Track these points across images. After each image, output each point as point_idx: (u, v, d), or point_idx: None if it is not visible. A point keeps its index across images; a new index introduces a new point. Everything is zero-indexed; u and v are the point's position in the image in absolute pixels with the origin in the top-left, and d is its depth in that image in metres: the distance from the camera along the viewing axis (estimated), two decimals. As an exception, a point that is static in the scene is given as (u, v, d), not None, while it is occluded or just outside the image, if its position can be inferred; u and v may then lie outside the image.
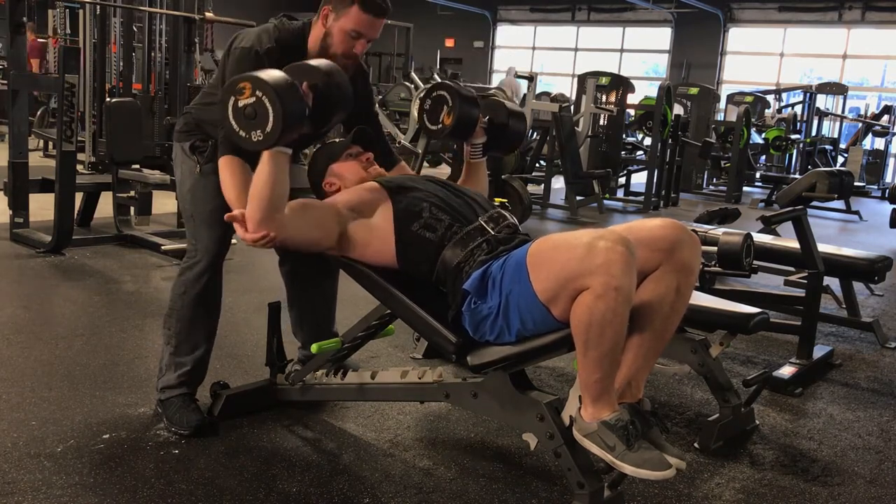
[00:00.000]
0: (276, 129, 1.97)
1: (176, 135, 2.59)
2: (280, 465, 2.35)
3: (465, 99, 2.43)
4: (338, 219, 2.23)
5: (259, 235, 2.09)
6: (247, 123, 2.00)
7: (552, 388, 3.09)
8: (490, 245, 2.10)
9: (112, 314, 3.69)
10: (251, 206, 2.09)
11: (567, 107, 8.88)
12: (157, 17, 6.42)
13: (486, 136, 2.56)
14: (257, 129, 1.99)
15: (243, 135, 2.02)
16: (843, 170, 7.06)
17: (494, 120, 2.57)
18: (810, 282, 3.53)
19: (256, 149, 2.05)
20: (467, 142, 2.56)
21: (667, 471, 1.79)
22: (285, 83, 1.99)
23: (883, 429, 2.99)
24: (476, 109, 2.47)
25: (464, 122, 2.45)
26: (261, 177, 2.08)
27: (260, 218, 2.08)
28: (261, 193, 2.08)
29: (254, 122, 1.98)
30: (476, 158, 2.59)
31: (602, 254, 1.74)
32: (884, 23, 15.83)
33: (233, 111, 2.01)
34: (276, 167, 2.07)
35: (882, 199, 11.43)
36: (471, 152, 2.58)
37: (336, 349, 2.50)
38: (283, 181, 2.10)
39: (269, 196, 2.08)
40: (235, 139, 2.05)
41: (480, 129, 2.54)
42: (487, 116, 2.55)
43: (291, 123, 1.98)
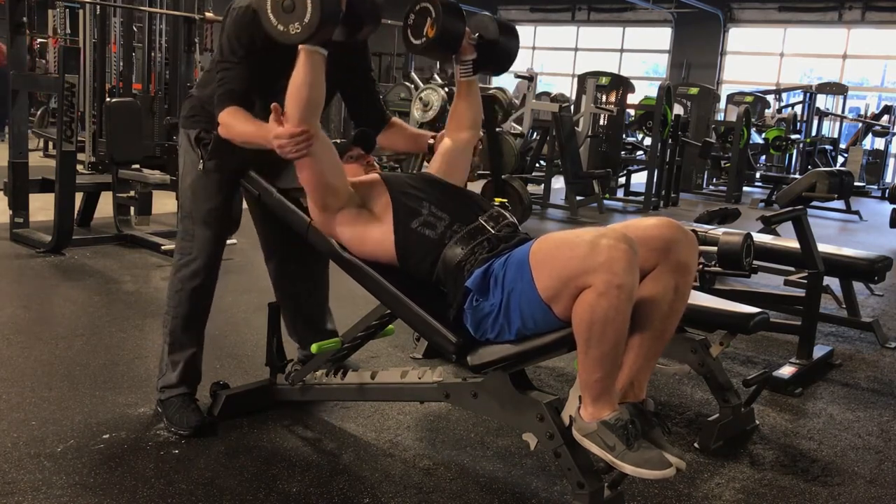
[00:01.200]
0: (315, 20, 2.00)
1: (182, 120, 2.57)
2: (280, 465, 2.35)
3: (448, 8, 2.36)
4: (349, 193, 2.25)
5: (300, 130, 2.09)
6: (285, 17, 2.03)
7: (552, 388, 3.09)
8: (491, 243, 2.10)
9: (112, 314, 3.69)
10: (290, 104, 2.11)
11: (567, 107, 8.88)
12: (157, 17, 6.42)
13: (475, 52, 2.49)
14: (296, 22, 2.02)
15: (282, 28, 2.05)
16: (843, 170, 7.08)
17: (484, 35, 2.49)
18: (810, 282, 3.53)
19: (295, 41, 2.07)
20: (456, 59, 2.50)
21: (667, 470, 1.79)
22: None
23: (883, 429, 2.99)
24: (461, 22, 2.40)
25: (448, 33, 2.38)
26: (298, 77, 2.10)
27: (300, 117, 2.10)
28: (299, 93, 2.10)
29: (292, 14, 2.02)
30: (466, 76, 2.52)
31: (605, 252, 1.74)
32: (884, 23, 15.82)
33: (272, 5, 2.05)
34: (313, 68, 2.10)
35: (882, 199, 11.43)
36: (461, 70, 2.51)
37: (336, 349, 2.50)
38: (320, 84, 2.13)
39: (308, 96, 2.10)
40: (273, 32, 2.07)
41: (469, 46, 2.46)
42: (477, 33, 2.49)
43: (328, 16, 2.03)
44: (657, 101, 9.04)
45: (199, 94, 2.54)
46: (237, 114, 2.25)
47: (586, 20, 19.24)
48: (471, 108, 2.55)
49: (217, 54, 2.40)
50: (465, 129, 2.55)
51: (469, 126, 2.55)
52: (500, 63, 2.57)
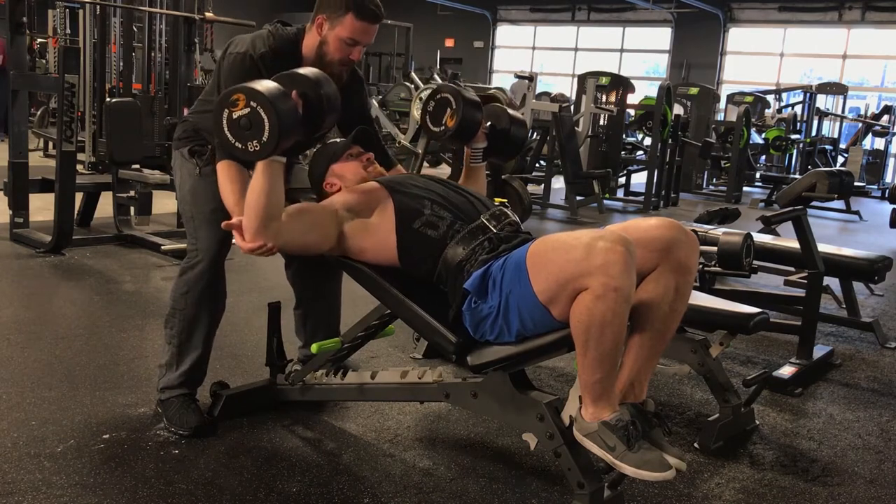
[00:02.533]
0: (273, 138, 1.97)
1: (175, 142, 2.61)
2: (280, 465, 2.35)
3: (468, 103, 2.45)
4: (335, 220, 2.23)
5: (256, 245, 2.10)
6: (242, 134, 2.00)
7: (552, 388, 3.09)
8: (492, 243, 2.10)
9: (112, 314, 3.69)
10: (247, 217, 2.10)
11: (567, 107, 8.88)
12: (157, 17, 6.42)
13: (486, 141, 2.58)
14: (253, 140, 1.99)
15: (239, 146, 2.02)
16: (843, 170, 7.07)
17: (497, 126, 2.59)
18: (810, 282, 3.53)
19: (253, 159, 2.05)
20: (468, 145, 2.57)
21: (667, 472, 1.79)
22: (279, 92, 1.99)
23: (883, 429, 2.99)
24: (479, 113, 2.49)
25: (466, 125, 2.47)
26: (256, 187, 2.08)
27: (256, 228, 2.09)
28: (256, 204, 2.08)
29: (249, 132, 1.99)
30: (476, 163, 2.60)
31: (601, 254, 1.74)
32: (884, 23, 15.83)
33: (227, 123, 2.01)
34: (270, 177, 2.08)
35: (882, 199, 11.43)
36: (471, 156, 2.59)
37: (336, 349, 2.50)
38: (279, 190, 2.11)
39: (265, 205, 2.08)
40: (232, 151, 2.05)
41: (482, 134, 2.55)
42: (489, 122, 2.58)
43: (287, 132, 1.99)
44: (657, 101, 9.03)
45: (192, 119, 2.58)
46: (229, 175, 2.27)
47: (586, 20, 19.24)
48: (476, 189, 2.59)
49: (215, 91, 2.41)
50: None
51: None
52: (508, 151, 2.68)
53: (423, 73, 12.23)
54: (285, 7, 12.63)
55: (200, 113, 2.54)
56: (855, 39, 16.30)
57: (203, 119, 2.51)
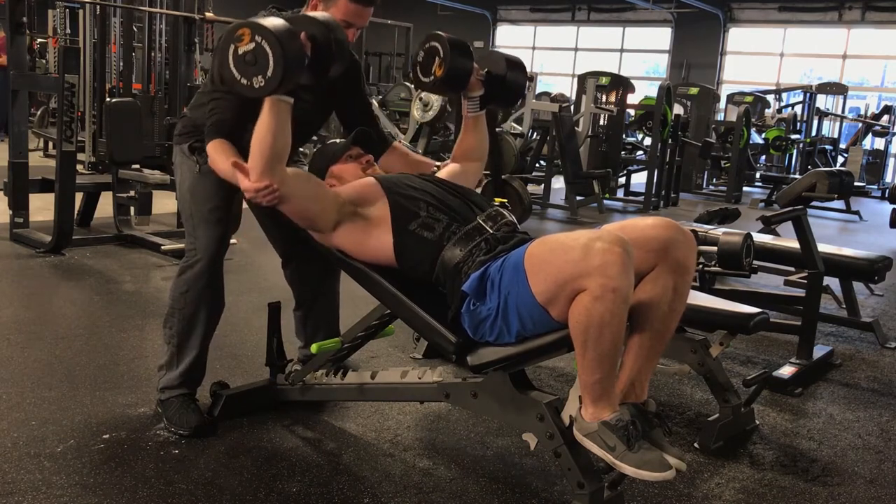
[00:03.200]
0: (277, 73, 1.96)
1: (175, 138, 2.61)
2: (280, 465, 2.35)
3: (456, 49, 2.37)
4: (338, 206, 2.24)
5: (262, 185, 2.09)
6: (247, 70, 2.00)
7: (552, 388, 3.09)
8: (489, 244, 2.10)
9: (112, 314, 3.69)
10: (253, 155, 2.10)
11: (567, 107, 8.88)
12: (157, 17, 6.42)
13: (483, 88, 2.50)
14: (258, 75, 1.99)
15: (245, 82, 2.01)
16: (843, 170, 7.06)
17: (493, 71, 2.50)
18: (810, 282, 3.53)
19: (258, 95, 2.04)
20: (463, 95, 2.51)
21: (667, 472, 1.79)
22: (284, 28, 1.99)
23: (883, 429, 2.99)
24: (469, 60, 2.41)
25: (456, 72, 2.38)
26: (262, 126, 2.09)
27: (262, 167, 2.09)
28: (262, 143, 2.08)
29: (254, 67, 1.98)
30: (473, 112, 2.53)
31: (599, 255, 1.74)
32: (884, 23, 15.82)
33: (233, 59, 2.01)
34: (277, 116, 2.08)
35: (882, 199, 11.43)
36: (468, 106, 2.52)
37: (336, 349, 2.50)
38: (285, 132, 2.11)
39: (272, 145, 2.08)
40: (237, 88, 2.04)
41: (477, 82, 2.48)
42: (486, 69, 2.49)
43: (292, 68, 1.98)
44: (657, 101, 9.03)
45: (192, 114, 2.58)
46: (221, 148, 2.29)
47: (586, 20, 19.24)
48: (478, 142, 2.59)
49: (209, 83, 2.44)
50: (473, 161, 2.60)
51: (476, 158, 2.61)
52: (507, 98, 2.61)
53: (423, 73, 12.21)
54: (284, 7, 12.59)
55: (199, 108, 2.54)
56: (855, 39, 16.30)
57: (202, 115, 2.50)
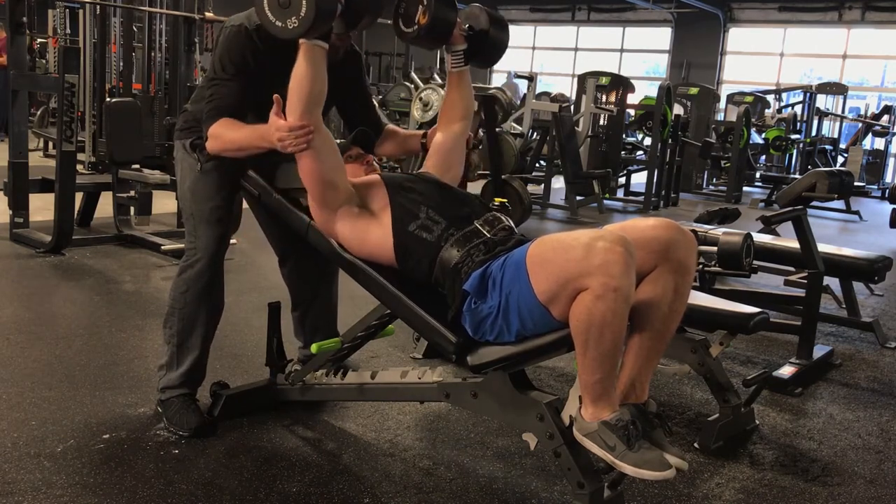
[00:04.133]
0: (311, 13, 2.02)
1: (177, 133, 2.60)
2: (280, 465, 2.35)
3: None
4: (349, 191, 2.26)
5: (300, 124, 2.11)
6: (282, 13, 2.06)
7: (552, 388, 3.09)
8: (487, 246, 2.10)
9: (112, 314, 3.69)
10: (292, 99, 2.13)
11: (567, 107, 8.88)
12: (157, 17, 6.42)
13: (466, 43, 2.49)
14: (292, 16, 2.04)
15: (279, 24, 2.07)
16: (843, 170, 7.06)
17: (475, 27, 2.50)
18: (810, 282, 3.53)
19: (292, 36, 2.08)
20: (447, 49, 2.50)
21: (667, 471, 1.79)
22: None
23: (883, 429, 2.99)
24: (453, 11, 2.40)
25: (439, 22, 2.36)
26: (300, 71, 2.12)
27: (302, 109, 2.12)
28: (300, 87, 2.12)
29: (288, 9, 2.04)
30: (458, 67, 2.52)
31: (601, 254, 1.74)
32: (884, 23, 15.82)
33: (268, 4, 2.07)
34: (313, 61, 2.12)
35: (882, 199, 11.43)
36: (452, 61, 2.52)
37: (336, 349, 2.50)
38: (322, 77, 2.15)
39: (310, 90, 2.12)
40: (271, 29, 2.09)
41: (460, 35, 2.46)
42: (468, 24, 2.49)
43: (324, 8, 2.04)
44: (657, 101, 9.04)
45: (192, 108, 2.57)
46: (227, 123, 2.28)
47: (586, 20, 19.24)
48: (463, 99, 2.57)
49: (209, 72, 2.44)
50: (458, 120, 2.57)
51: (461, 117, 2.58)
52: (490, 54, 2.58)
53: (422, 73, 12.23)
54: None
55: (199, 101, 2.53)
56: (855, 39, 16.30)
57: (201, 109, 2.49)
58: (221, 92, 2.31)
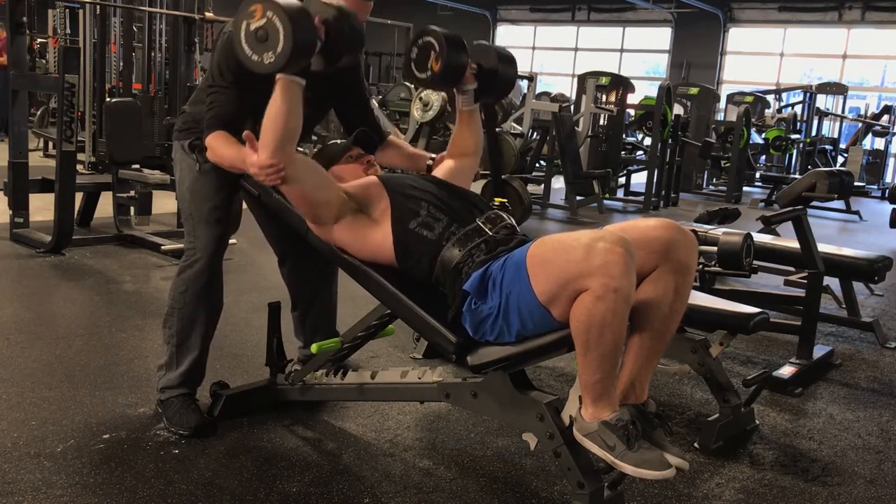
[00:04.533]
0: (287, 48, 1.98)
1: (175, 133, 2.61)
2: (280, 465, 2.35)
3: (452, 43, 2.38)
4: (341, 201, 2.25)
5: (270, 162, 2.10)
6: (258, 46, 2.02)
7: (552, 388, 3.09)
8: (488, 245, 2.10)
9: (112, 314, 3.69)
10: (264, 134, 2.11)
11: (567, 107, 8.88)
12: (157, 17, 6.42)
13: (476, 82, 2.50)
14: (269, 51, 2.01)
15: (256, 59, 2.04)
16: (843, 170, 7.06)
17: (484, 65, 2.51)
18: (810, 282, 3.53)
19: (268, 71, 2.06)
20: (457, 89, 2.51)
21: (666, 471, 1.79)
22: (296, 7, 2.01)
23: (883, 429, 2.99)
24: (464, 54, 2.42)
25: (452, 67, 2.39)
26: (274, 106, 2.10)
27: (273, 146, 2.10)
28: (274, 122, 2.10)
29: (265, 44, 2.01)
30: (468, 106, 2.54)
31: (601, 255, 1.74)
32: (884, 23, 15.82)
33: (245, 35, 2.04)
34: (289, 96, 2.09)
35: (882, 199, 11.43)
36: (463, 100, 2.53)
37: (336, 349, 2.50)
38: (297, 113, 2.12)
39: (283, 125, 2.10)
40: (249, 64, 2.06)
41: (470, 75, 2.47)
42: (477, 62, 2.50)
43: (301, 46, 2.00)
44: (657, 101, 9.03)
45: (191, 109, 2.58)
46: (221, 137, 2.29)
47: (586, 20, 19.24)
48: (472, 136, 2.58)
49: (208, 77, 2.44)
50: (468, 156, 2.59)
51: (472, 153, 2.60)
52: (499, 91, 2.62)
53: (423, 73, 12.20)
54: None
55: (199, 104, 2.53)
56: (855, 39, 16.30)
57: (200, 110, 2.50)
58: (220, 100, 2.32)
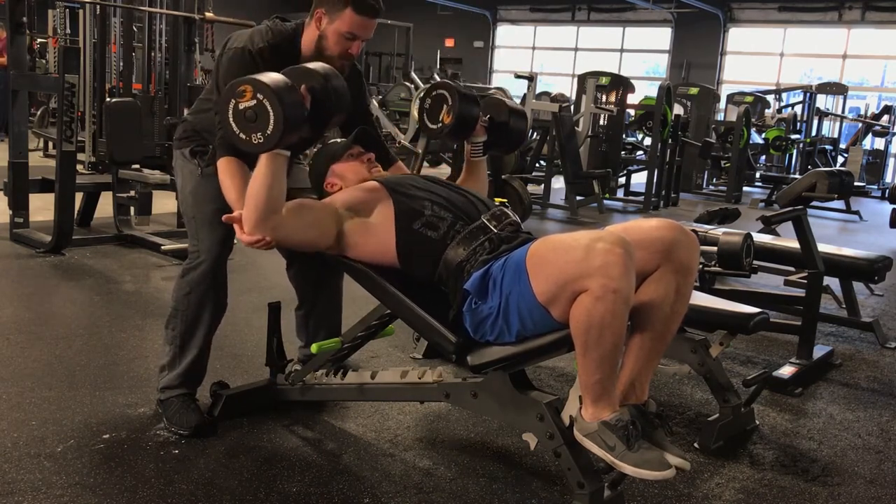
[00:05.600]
0: (277, 131, 1.97)
1: (175, 142, 2.61)
2: (280, 465, 2.35)
3: (464, 97, 2.43)
4: (335, 218, 2.24)
5: (254, 238, 2.11)
6: (247, 126, 2.01)
7: (552, 388, 3.09)
8: (492, 244, 2.10)
9: (112, 314, 3.69)
10: (247, 208, 2.10)
11: (567, 107, 8.88)
12: (157, 17, 6.42)
13: (486, 134, 2.55)
14: (258, 132, 2.00)
15: (244, 137, 2.02)
16: (843, 170, 7.06)
17: (495, 118, 2.56)
18: (810, 282, 3.53)
19: (256, 151, 2.06)
20: (468, 140, 2.55)
21: (666, 471, 1.79)
22: (285, 86, 2.00)
23: (883, 429, 2.99)
24: (476, 108, 2.47)
25: (464, 120, 2.44)
26: (258, 179, 2.09)
27: (256, 220, 2.10)
28: (257, 196, 2.09)
29: (254, 124, 1.99)
30: (477, 157, 2.58)
31: (600, 256, 1.74)
32: (884, 23, 15.83)
33: (233, 114, 2.02)
34: (273, 169, 2.08)
35: (882, 199, 11.43)
36: (471, 151, 2.57)
37: (336, 349, 2.50)
38: (280, 184, 2.12)
39: (266, 198, 2.09)
40: (236, 142, 2.05)
41: (481, 128, 2.52)
42: (488, 115, 2.55)
43: (292, 126, 1.99)
44: (657, 101, 9.03)
45: (192, 118, 2.58)
46: (230, 170, 2.27)
47: (586, 20, 19.25)
48: (477, 185, 2.59)
49: (213, 90, 2.43)
50: None
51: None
52: (509, 143, 2.64)
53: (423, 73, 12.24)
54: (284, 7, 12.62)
55: (200, 113, 2.55)
56: (855, 39, 16.30)
57: (202, 119, 2.51)
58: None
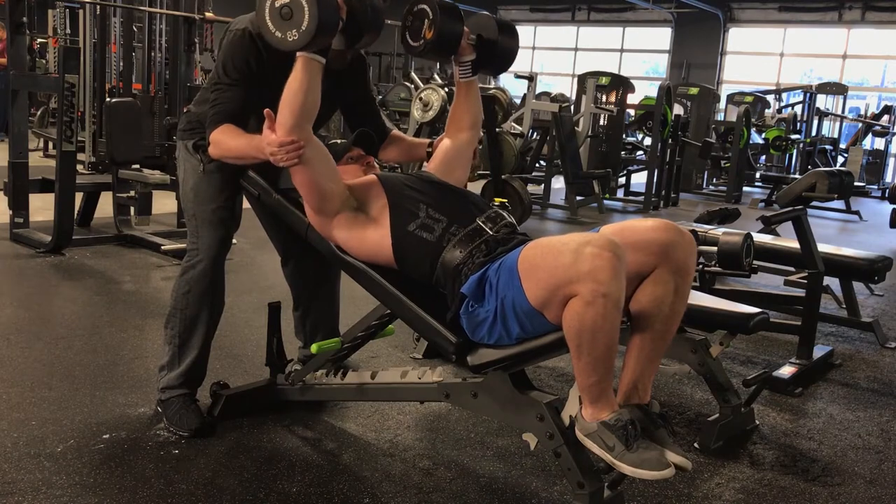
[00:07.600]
0: (311, 28, 2.02)
1: (179, 133, 2.61)
2: (280, 465, 2.35)
3: (445, 10, 2.33)
4: (344, 196, 2.25)
5: (290, 139, 2.10)
6: (282, 24, 2.05)
7: (552, 388, 3.09)
8: (489, 246, 2.10)
9: (112, 314, 3.69)
10: (283, 112, 2.12)
11: (567, 107, 8.88)
12: (157, 17, 6.42)
13: (474, 53, 2.46)
14: (293, 29, 2.04)
15: (279, 35, 2.07)
16: (843, 170, 7.06)
17: (484, 35, 2.46)
18: (810, 282, 3.53)
19: (291, 48, 2.08)
20: (455, 60, 2.47)
21: (665, 471, 1.79)
22: None
23: (883, 429, 2.99)
24: (459, 23, 2.38)
25: (446, 35, 2.35)
26: (294, 84, 2.11)
27: (292, 123, 2.11)
28: (293, 100, 2.11)
29: (289, 21, 2.04)
30: (465, 77, 2.50)
31: (588, 260, 1.73)
32: (884, 23, 15.82)
33: (269, 11, 2.07)
34: (309, 74, 2.11)
35: (882, 199, 11.44)
36: (460, 71, 2.49)
37: (336, 349, 2.50)
38: (316, 91, 2.14)
39: (302, 103, 2.11)
40: (271, 40, 2.09)
41: (468, 46, 2.43)
42: (476, 33, 2.46)
43: (326, 24, 2.04)
44: (657, 101, 9.04)
45: (196, 109, 2.58)
46: (228, 130, 2.28)
47: (586, 20, 19.24)
48: (470, 109, 2.55)
49: (213, 75, 2.44)
50: (466, 130, 2.55)
51: (469, 126, 2.55)
52: (499, 63, 2.55)
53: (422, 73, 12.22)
54: None
55: (202, 103, 2.53)
56: (855, 39, 16.30)
57: (204, 111, 2.50)
58: (224, 97, 2.32)
